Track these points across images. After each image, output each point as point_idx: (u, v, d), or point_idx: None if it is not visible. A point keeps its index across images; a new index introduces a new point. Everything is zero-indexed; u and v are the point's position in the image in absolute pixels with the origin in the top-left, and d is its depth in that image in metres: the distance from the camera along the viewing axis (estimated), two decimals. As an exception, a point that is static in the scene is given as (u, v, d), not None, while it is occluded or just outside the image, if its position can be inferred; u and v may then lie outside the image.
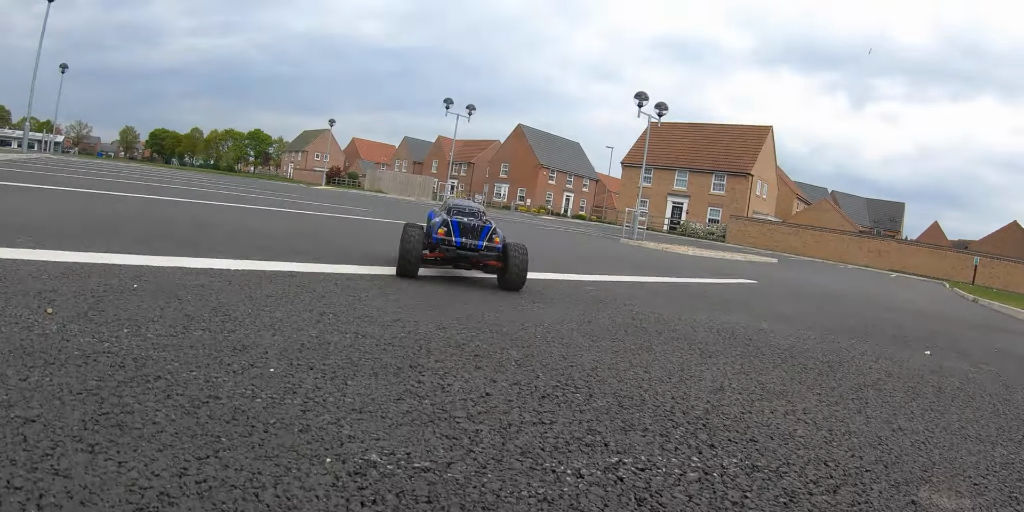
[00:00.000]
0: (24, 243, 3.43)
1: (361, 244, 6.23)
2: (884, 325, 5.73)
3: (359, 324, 2.55)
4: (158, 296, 2.57)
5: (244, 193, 16.24)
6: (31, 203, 6.10)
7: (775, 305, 5.93)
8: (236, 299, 2.70)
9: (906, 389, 2.86)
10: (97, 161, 50.69)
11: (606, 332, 3.11)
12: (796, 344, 3.66)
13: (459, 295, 3.70)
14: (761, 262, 21.90)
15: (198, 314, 2.35)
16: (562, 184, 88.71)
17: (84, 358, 1.78)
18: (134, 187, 11.76)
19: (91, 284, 2.63)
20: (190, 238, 4.62)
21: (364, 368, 1.99)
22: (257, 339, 2.14)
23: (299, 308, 2.68)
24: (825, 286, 11.63)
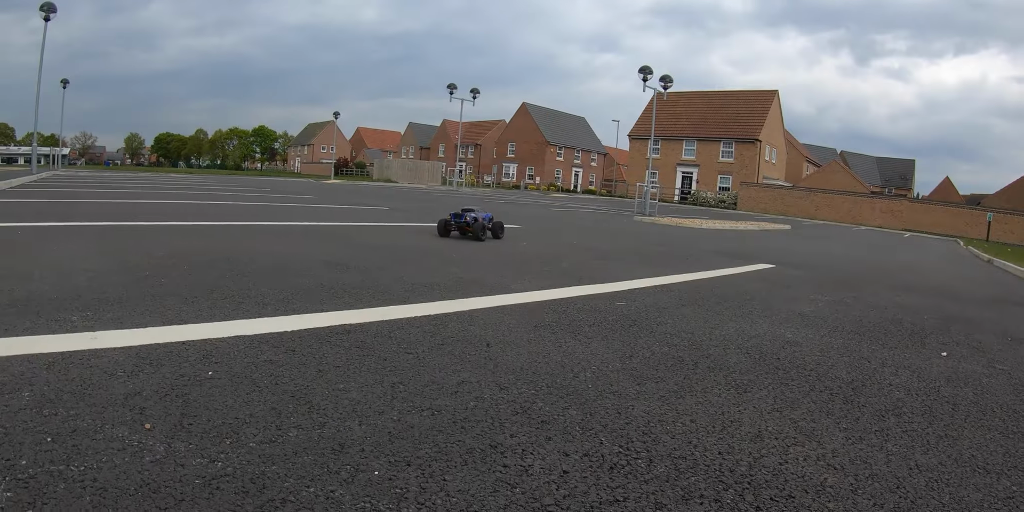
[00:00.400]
0: (82, 324, 3.51)
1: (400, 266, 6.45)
2: (902, 315, 5.96)
3: (430, 396, 2.76)
4: (237, 385, 2.69)
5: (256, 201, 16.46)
6: (63, 250, 6.22)
7: (794, 300, 6.17)
8: (307, 377, 2.85)
9: (924, 410, 3.09)
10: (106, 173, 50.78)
11: (649, 369, 3.35)
12: (822, 360, 3.90)
13: (507, 351, 3.89)
14: (774, 230, 22.14)
15: (283, 406, 2.49)
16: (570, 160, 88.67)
17: (208, 487, 1.87)
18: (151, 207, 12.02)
19: (167, 376, 2.73)
20: (231, 287, 4.76)
21: (452, 454, 2.20)
22: (348, 433, 2.29)
23: (369, 381, 2.85)
24: (840, 260, 11.81)
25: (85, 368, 2.80)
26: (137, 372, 2.79)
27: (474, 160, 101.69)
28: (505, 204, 27.93)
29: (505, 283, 5.77)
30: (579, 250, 9.45)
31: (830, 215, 49.87)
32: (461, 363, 3.24)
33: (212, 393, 2.61)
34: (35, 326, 3.42)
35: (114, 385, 2.62)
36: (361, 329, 3.82)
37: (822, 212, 50.50)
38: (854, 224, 46.24)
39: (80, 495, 1.79)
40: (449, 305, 4.65)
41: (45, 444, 2.07)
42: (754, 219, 33.80)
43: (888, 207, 49.58)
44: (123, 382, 2.66)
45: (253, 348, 3.28)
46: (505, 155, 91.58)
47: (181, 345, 3.24)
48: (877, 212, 49.11)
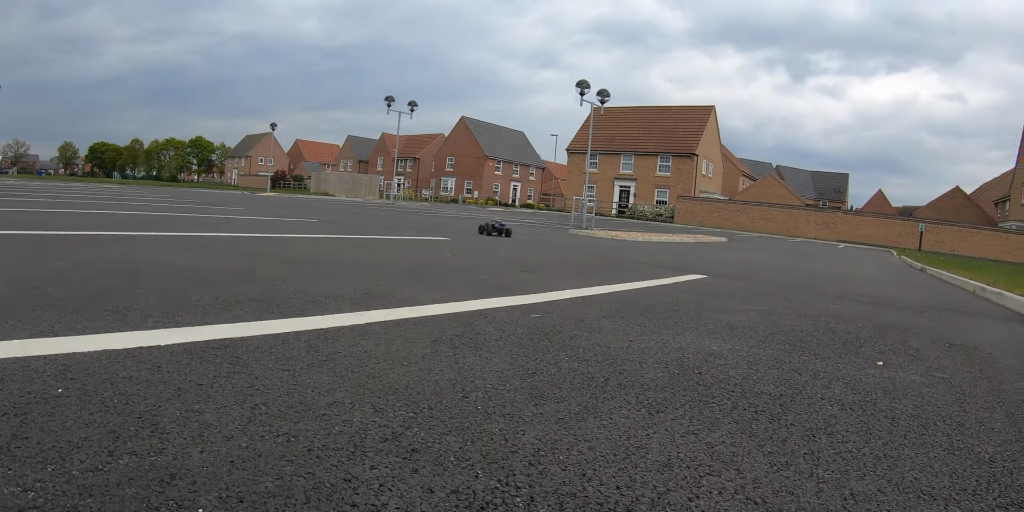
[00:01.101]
0: None
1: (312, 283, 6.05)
2: (835, 323, 5.71)
3: (292, 419, 2.40)
4: (84, 404, 2.36)
5: (182, 212, 15.89)
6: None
7: (724, 311, 5.87)
8: (163, 396, 2.49)
9: (859, 427, 2.77)
10: (36, 182, 49.58)
11: (551, 388, 2.98)
12: (748, 374, 3.58)
13: (387, 368, 3.53)
14: (711, 242, 22.12)
15: (124, 429, 2.15)
16: (508, 174, 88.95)
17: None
18: (71, 217, 11.44)
19: (13, 394, 2.41)
20: (120, 299, 4.33)
21: (295, 489, 1.84)
22: (185, 461, 1.95)
23: (230, 401, 2.48)
24: (774, 270, 11.66)
25: None
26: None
27: (412, 174, 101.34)
28: (438, 217, 27.58)
29: (415, 296, 5.36)
30: (505, 262, 9.09)
31: (766, 227, 50.33)
32: (339, 382, 2.84)
33: (54, 412, 2.26)
34: None
35: None
36: (242, 343, 3.42)
37: (758, 225, 50.96)
38: (790, 236, 46.71)
39: None
40: (346, 318, 4.25)
41: None
42: (691, 232, 33.85)
43: (823, 219, 50.20)
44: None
45: (116, 363, 2.90)
46: (443, 169, 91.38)
47: (41, 359, 2.88)
48: (812, 224, 49.70)
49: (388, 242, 11.59)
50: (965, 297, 9.95)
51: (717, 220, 52.65)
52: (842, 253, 25.10)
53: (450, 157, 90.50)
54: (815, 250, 25.62)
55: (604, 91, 31.84)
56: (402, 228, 16.37)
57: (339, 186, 74.00)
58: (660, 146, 66.70)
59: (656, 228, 36.05)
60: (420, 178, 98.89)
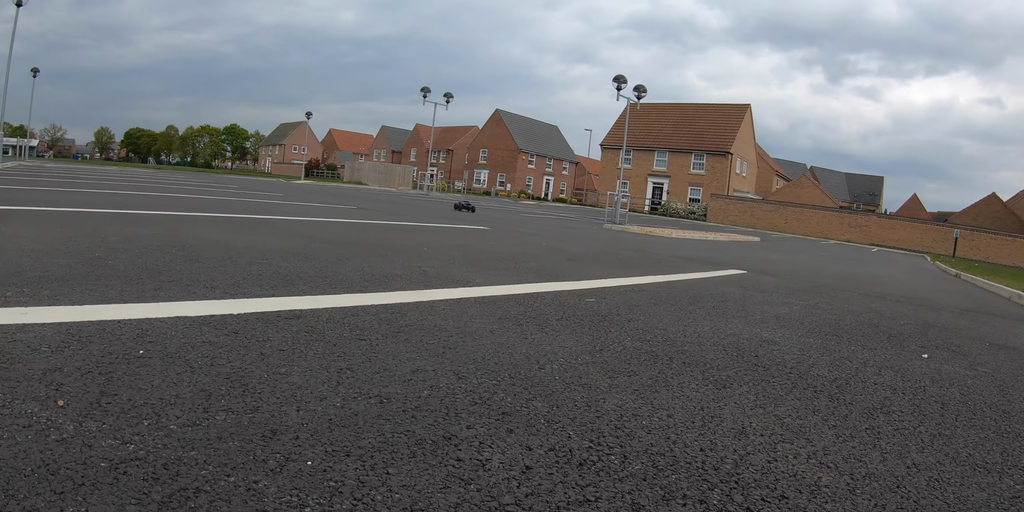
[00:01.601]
0: (16, 299, 3.27)
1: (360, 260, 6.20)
2: (878, 320, 5.80)
3: (380, 384, 2.53)
4: (168, 365, 2.46)
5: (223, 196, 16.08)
6: (13, 232, 5.95)
7: (769, 303, 5.99)
8: (247, 360, 2.61)
9: (913, 409, 2.91)
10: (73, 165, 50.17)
11: (621, 363, 3.13)
12: (802, 359, 3.71)
13: (466, 331, 3.67)
14: (744, 241, 22.07)
15: (214, 388, 2.26)
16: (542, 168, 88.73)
17: (113, 472, 1.66)
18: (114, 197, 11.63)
19: (94, 354, 2.50)
20: (181, 271, 4.50)
21: (399, 445, 1.97)
22: (283, 419, 2.06)
23: (314, 366, 2.62)
24: (810, 270, 11.68)
25: (7, 342, 2.57)
26: (62, 348, 2.55)
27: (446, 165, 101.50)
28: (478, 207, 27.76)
29: (470, 277, 5.53)
30: (548, 251, 9.23)
31: (799, 229, 50.08)
32: (417, 351, 2.99)
33: (139, 372, 2.36)
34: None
35: (35, 360, 2.39)
36: (312, 314, 3.56)
37: (791, 225, 50.70)
38: (822, 238, 46.46)
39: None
40: (408, 295, 4.41)
41: None
42: (724, 230, 33.80)
43: (856, 222, 49.87)
44: (45, 357, 2.43)
45: (193, 329, 3.02)
46: (477, 161, 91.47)
47: (116, 323, 2.99)
48: (845, 227, 49.38)
49: (431, 229, 11.75)
50: (1001, 303, 9.97)
51: (750, 220, 52.45)
52: (876, 257, 25.01)
53: (483, 149, 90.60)
54: (849, 253, 25.55)
55: (641, 86, 31.85)
56: (441, 217, 16.53)
57: (372, 175, 74.31)
58: (694, 144, 66.49)
59: (689, 226, 36.02)
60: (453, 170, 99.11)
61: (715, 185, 63.02)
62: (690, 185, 65.74)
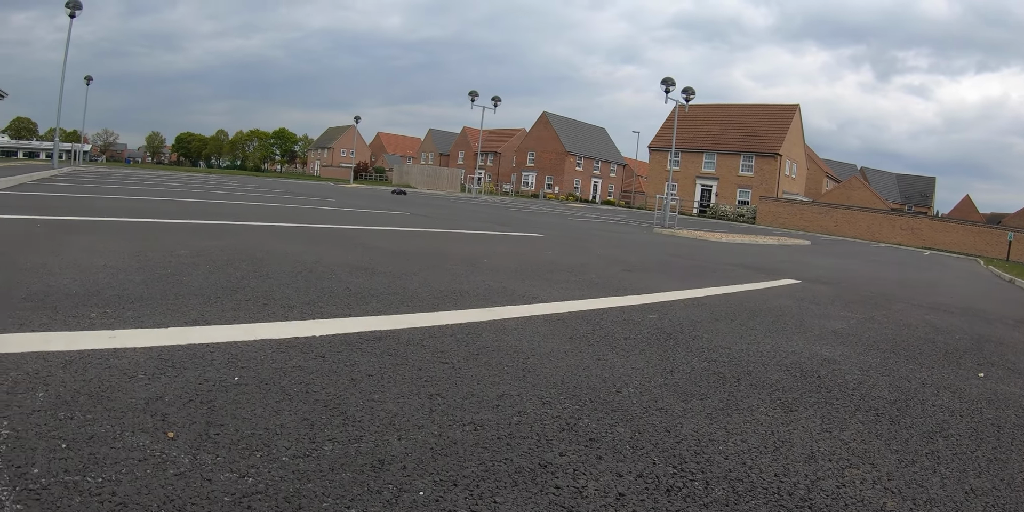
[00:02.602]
0: (101, 321, 3.41)
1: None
2: (934, 335, 5.88)
3: (471, 410, 2.72)
4: (266, 392, 2.61)
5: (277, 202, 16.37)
6: (83, 245, 6.19)
7: (826, 317, 6.12)
8: (340, 386, 2.77)
9: (970, 432, 3.04)
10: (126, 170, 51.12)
11: (691, 385, 3.31)
12: (863, 379, 3.85)
13: (554, 355, 3.82)
14: (795, 245, 22.06)
15: (316, 417, 2.39)
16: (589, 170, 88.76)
17: (239, 506, 1.76)
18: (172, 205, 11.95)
19: (191, 381, 2.63)
20: (255, 289, 4.71)
21: (500, 473, 2.13)
22: (387, 448, 2.21)
23: (405, 391, 2.78)
24: (864, 278, 11.68)
25: (103, 369, 2.73)
26: (159, 375, 2.72)
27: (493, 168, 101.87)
28: (525, 213, 27.90)
29: (534, 293, 5.72)
30: (604, 260, 9.39)
31: (849, 231, 49.64)
32: (499, 375, 3.18)
33: (239, 400, 2.52)
34: (51, 322, 3.37)
35: (134, 388, 2.54)
36: (392, 336, 3.75)
37: (842, 228, 50.27)
38: (873, 241, 46.02)
39: (97, 510, 1.69)
40: (480, 314, 4.61)
41: (59, 451, 1.97)
42: (774, 234, 33.66)
43: (908, 224, 49.32)
44: (144, 385, 2.58)
45: (281, 353, 3.20)
46: (524, 164, 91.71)
47: (205, 348, 3.17)
48: (897, 229, 48.86)
49: (486, 237, 11.96)
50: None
51: (800, 222, 52.09)
52: (928, 261, 24.81)
53: (531, 152, 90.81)
54: (901, 257, 25.35)
55: (689, 89, 31.91)
56: (493, 223, 16.75)
57: (421, 179, 74.88)
58: (743, 145, 66.13)
59: (738, 229, 35.91)
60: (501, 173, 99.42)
61: (764, 187, 62.64)
62: (739, 187, 65.41)
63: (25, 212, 9.05)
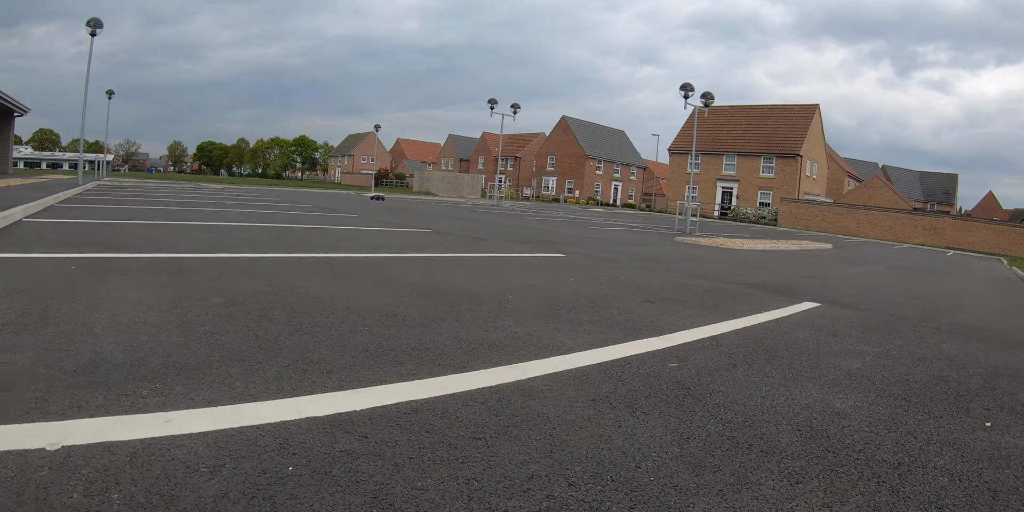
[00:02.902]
0: (153, 399, 3.59)
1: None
2: (948, 371, 6.03)
3: (504, 496, 2.97)
4: (319, 483, 2.78)
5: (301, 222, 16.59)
6: (118, 292, 6.42)
7: (842, 354, 6.31)
8: (385, 473, 2.94)
9: (965, 500, 3.21)
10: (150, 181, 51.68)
11: (705, 455, 3.52)
12: (870, 438, 4.04)
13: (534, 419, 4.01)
14: (816, 250, 22.27)
15: (367, 509, 2.59)
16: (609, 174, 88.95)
17: None
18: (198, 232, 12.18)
19: (250, 473, 2.80)
20: (292, 349, 4.93)
21: None
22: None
23: (444, 476, 3.00)
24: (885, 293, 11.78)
25: (167, 461, 2.88)
26: (219, 467, 2.87)
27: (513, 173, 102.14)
28: (545, 223, 28.06)
29: (559, 341, 5.94)
30: (627, 288, 9.62)
31: (872, 232, 49.52)
32: (528, 452, 3.39)
33: (296, 494, 2.69)
34: (107, 403, 3.54)
35: (199, 485, 2.69)
36: (427, 407, 3.96)
37: (864, 229, 50.17)
38: (895, 242, 45.92)
39: None
40: (508, 372, 4.83)
41: None
42: (795, 237, 33.76)
43: (930, 224, 49.14)
44: (207, 480, 2.73)
45: (327, 435, 3.38)
46: (545, 168, 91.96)
47: (256, 431, 3.34)
48: (919, 230, 48.70)
49: (509, 263, 12.19)
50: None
51: (821, 223, 52.01)
52: (951, 264, 24.85)
53: (551, 156, 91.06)
54: (924, 260, 25.40)
55: (708, 94, 32.03)
56: (515, 241, 16.93)
57: (441, 185, 75.20)
58: (763, 146, 66.11)
59: (760, 233, 35.99)
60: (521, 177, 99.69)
61: (785, 188, 62.59)
62: (760, 189, 65.38)
63: (56, 248, 9.38)
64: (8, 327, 4.92)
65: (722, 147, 67.97)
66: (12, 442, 2.98)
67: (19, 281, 6.66)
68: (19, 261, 7.98)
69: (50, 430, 3.16)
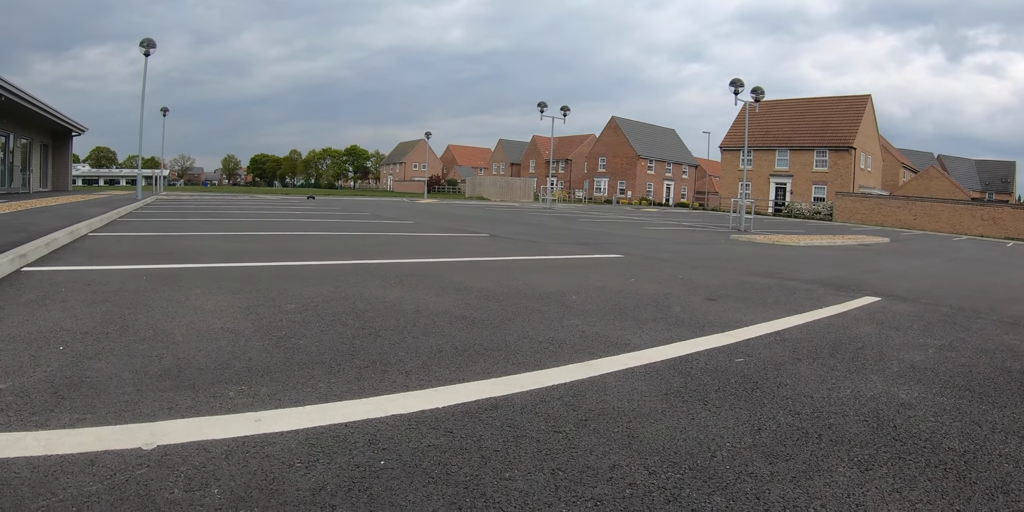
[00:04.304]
0: (241, 401, 3.78)
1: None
2: (1011, 362, 6.07)
3: (589, 484, 3.16)
4: (412, 476, 2.95)
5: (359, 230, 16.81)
6: (192, 300, 6.70)
7: (905, 347, 6.38)
8: (473, 465, 3.12)
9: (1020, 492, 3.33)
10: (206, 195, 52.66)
11: (777, 444, 3.67)
12: (936, 427, 4.15)
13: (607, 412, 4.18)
14: (874, 244, 22.14)
15: (461, 500, 2.74)
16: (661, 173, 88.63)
17: None
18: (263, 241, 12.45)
19: (343, 467, 2.97)
20: (369, 351, 5.15)
21: None
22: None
23: (530, 468, 3.19)
24: (944, 286, 11.73)
25: (262, 458, 3.07)
26: (313, 462, 3.05)
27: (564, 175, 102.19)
28: (600, 225, 28.13)
29: (627, 338, 6.12)
30: (687, 287, 9.76)
31: (929, 225, 48.82)
32: (607, 443, 3.57)
33: (392, 487, 2.85)
34: (196, 404, 3.75)
35: (296, 479, 2.86)
36: (506, 403, 4.15)
37: (920, 222, 49.47)
38: (954, 233, 45.23)
39: None
40: (580, 369, 5.02)
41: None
42: (851, 232, 33.45)
43: (989, 215, 48.26)
44: (304, 475, 2.90)
45: (413, 430, 3.57)
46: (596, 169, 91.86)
47: (344, 428, 3.53)
48: (978, 220, 47.86)
49: (569, 265, 12.37)
50: None
51: (878, 217, 51.37)
52: (1012, 255, 24.48)
53: (602, 157, 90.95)
54: (983, 251, 25.06)
55: (759, 88, 31.96)
56: (573, 244, 17.11)
57: (493, 190, 75.46)
58: (815, 140, 65.40)
59: (815, 228, 35.71)
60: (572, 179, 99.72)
61: (839, 182, 61.87)
62: (814, 183, 64.69)
63: (124, 260, 9.79)
64: (90, 336, 5.20)
65: (774, 142, 67.36)
66: (108, 443, 3.18)
67: (94, 292, 6.97)
68: (91, 273, 8.35)
69: (144, 430, 3.37)
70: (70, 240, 12.00)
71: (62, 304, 6.26)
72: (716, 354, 5.73)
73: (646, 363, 5.32)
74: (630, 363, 5.29)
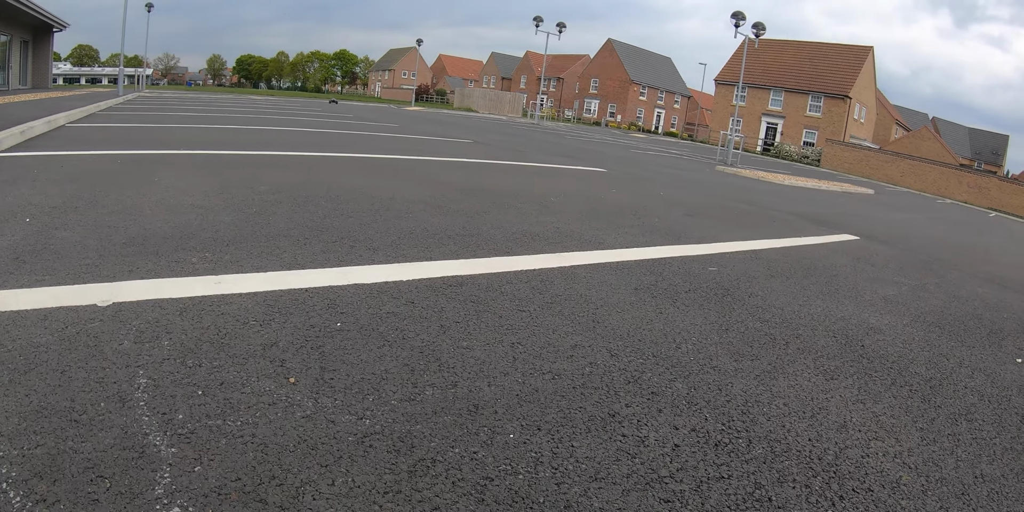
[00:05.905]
0: (203, 266, 3.70)
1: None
2: (983, 311, 5.97)
3: (549, 359, 3.06)
4: (367, 338, 2.90)
5: (342, 128, 16.61)
6: (165, 181, 6.55)
7: (879, 281, 6.28)
8: (431, 332, 3.06)
9: (994, 419, 3.22)
10: (189, 93, 51.90)
11: (744, 345, 3.59)
12: (903, 353, 4.07)
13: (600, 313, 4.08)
14: (858, 194, 21.97)
15: (414, 363, 2.69)
16: (653, 100, 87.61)
17: (361, 445, 2.04)
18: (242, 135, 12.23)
19: (299, 327, 2.91)
20: (339, 229, 5.04)
21: (576, 421, 2.47)
22: (479, 394, 2.51)
23: (489, 339, 3.12)
24: (924, 239, 11.69)
25: (217, 316, 3.02)
26: (268, 321, 3.00)
27: (556, 94, 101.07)
28: (588, 143, 27.96)
29: (601, 238, 6.02)
30: (666, 203, 9.63)
31: (915, 183, 48.79)
32: (571, 325, 3.49)
33: (345, 346, 2.82)
34: (157, 268, 3.67)
35: (249, 335, 2.83)
36: (472, 281, 4.08)
37: (907, 179, 49.40)
38: (938, 196, 45.30)
39: (243, 451, 1.98)
40: (551, 259, 4.93)
41: (197, 397, 2.26)
42: (837, 179, 33.37)
43: (976, 182, 48.20)
44: (257, 332, 2.87)
45: (374, 298, 3.51)
46: (588, 91, 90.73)
47: (304, 292, 3.47)
48: (964, 186, 47.81)
49: (551, 172, 12.23)
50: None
51: (865, 169, 51.25)
52: (993, 224, 24.50)
53: (595, 79, 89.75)
54: (965, 216, 25.05)
55: (759, 24, 31.33)
56: (558, 156, 16.97)
57: (482, 102, 74.72)
58: (812, 85, 64.80)
59: (802, 171, 35.62)
60: (563, 99, 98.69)
61: (831, 129, 61.60)
62: (805, 128, 64.36)
63: (100, 146, 9.47)
64: (58, 209, 5.01)
65: (770, 82, 66.59)
66: (63, 300, 3.08)
67: (66, 174, 6.73)
68: (65, 157, 8.06)
69: (101, 290, 3.28)
70: (47, 129, 11.61)
71: (32, 183, 6.02)
72: (690, 261, 5.63)
73: (618, 260, 5.23)
74: (602, 259, 5.19)
